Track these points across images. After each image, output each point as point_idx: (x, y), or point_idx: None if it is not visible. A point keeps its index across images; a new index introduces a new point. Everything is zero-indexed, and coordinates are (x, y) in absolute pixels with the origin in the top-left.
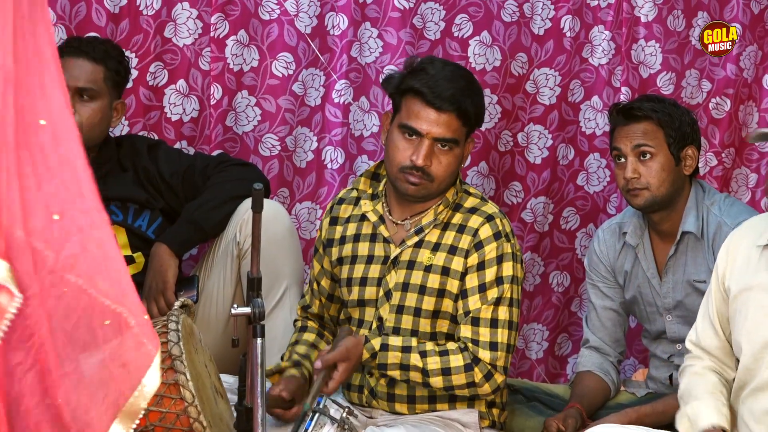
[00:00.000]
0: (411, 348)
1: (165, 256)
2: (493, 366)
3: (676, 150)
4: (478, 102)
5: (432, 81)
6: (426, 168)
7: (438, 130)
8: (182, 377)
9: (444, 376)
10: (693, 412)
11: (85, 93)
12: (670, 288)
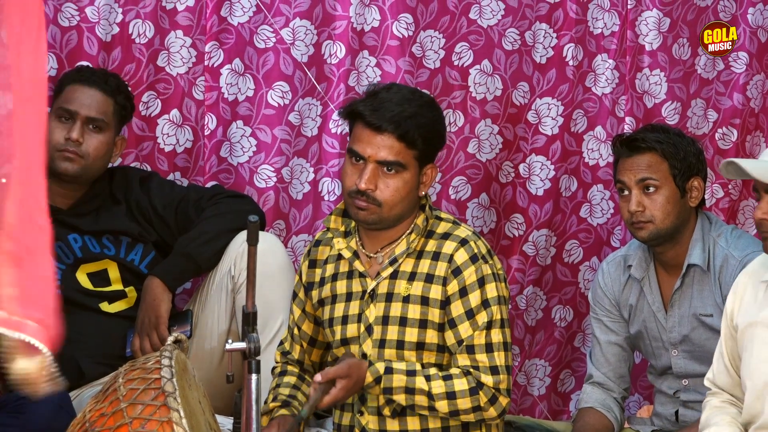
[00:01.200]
0: (416, 372)
1: (158, 290)
2: (497, 389)
3: (682, 182)
4: (427, 125)
5: (377, 104)
6: (370, 192)
7: (380, 153)
8: (176, 414)
9: (449, 400)
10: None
11: (94, 123)
12: (676, 322)
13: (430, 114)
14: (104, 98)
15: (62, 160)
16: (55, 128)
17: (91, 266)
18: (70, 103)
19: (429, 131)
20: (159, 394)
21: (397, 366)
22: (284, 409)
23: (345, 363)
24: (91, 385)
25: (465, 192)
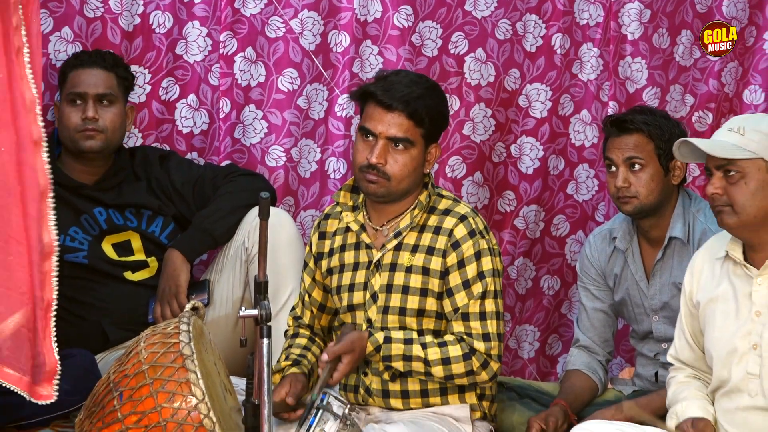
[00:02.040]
0: (413, 340)
1: (178, 261)
2: (488, 355)
3: (666, 161)
4: (433, 107)
5: (387, 85)
6: (380, 166)
7: (390, 129)
8: (193, 375)
9: (444, 366)
10: (681, 410)
11: (105, 99)
12: (657, 290)
13: (435, 96)
14: (107, 74)
15: (85, 139)
16: (70, 112)
17: (115, 237)
18: (77, 86)
19: (435, 112)
20: (178, 356)
21: (395, 335)
22: (295, 368)
23: (348, 339)
24: (116, 348)
25: (460, 170)
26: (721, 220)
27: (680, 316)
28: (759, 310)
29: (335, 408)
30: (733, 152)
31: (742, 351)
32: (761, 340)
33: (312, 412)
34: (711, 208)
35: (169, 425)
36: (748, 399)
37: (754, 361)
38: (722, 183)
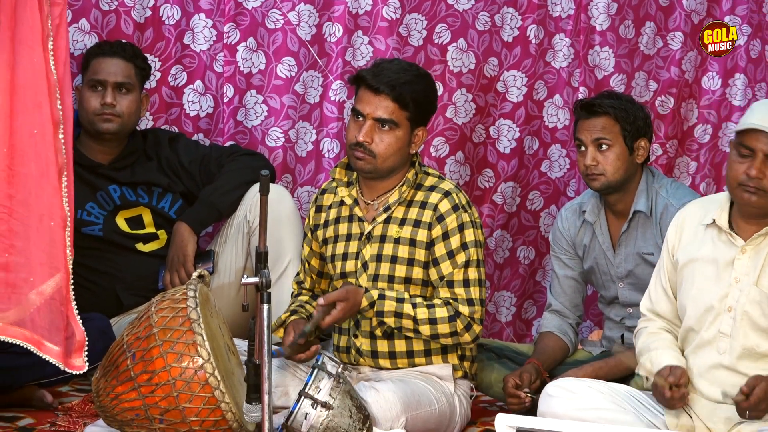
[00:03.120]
0: (404, 299)
1: (185, 233)
2: (471, 318)
3: (631, 141)
4: (420, 92)
5: (378, 71)
6: (367, 144)
7: (377, 111)
8: (199, 338)
9: (431, 325)
10: (655, 357)
11: (123, 87)
12: (623, 259)
13: (423, 83)
14: (126, 64)
15: (102, 121)
16: (90, 97)
17: (128, 212)
18: (98, 74)
19: (421, 97)
20: (185, 320)
21: (389, 293)
22: (294, 316)
23: (344, 289)
24: (128, 313)
25: (444, 150)
26: (747, 199)
27: (659, 269)
28: (738, 277)
29: (329, 367)
30: None
31: (718, 311)
32: (737, 305)
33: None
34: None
35: (177, 383)
36: (716, 356)
37: (727, 323)
38: (764, 168)
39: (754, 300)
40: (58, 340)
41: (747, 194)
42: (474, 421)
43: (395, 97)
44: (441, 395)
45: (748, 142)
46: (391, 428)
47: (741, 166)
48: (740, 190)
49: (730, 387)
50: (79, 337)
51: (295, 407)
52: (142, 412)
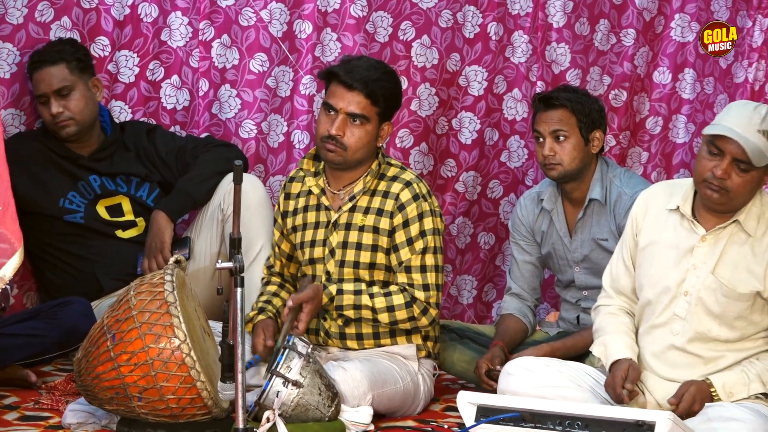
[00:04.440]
0: (361, 291)
1: (162, 221)
2: (427, 303)
3: (586, 133)
4: (389, 89)
5: (350, 68)
6: (339, 137)
7: (350, 106)
8: (176, 320)
9: (389, 312)
10: (609, 342)
11: (62, 91)
12: (579, 245)
13: (391, 80)
14: (56, 68)
15: (60, 129)
16: (42, 110)
17: (108, 201)
18: (38, 88)
19: (390, 94)
20: (163, 303)
21: (347, 287)
22: (261, 315)
23: (309, 290)
24: (109, 296)
25: (408, 141)
26: (710, 196)
27: (621, 246)
28: (696, 264)
29: (299, 348)
30: (759, 161)
31: (674, 294)
32: (693, 290)
33: (280, 352)
34: (700, 180)
35: (155, 363)
36: (670, 337)
37: (683, 306)
38: (732, 170)
39: (710, 287)
40: None
41: (710, 191)
42: (437, 398)
43: (367, 94)
44: (406, 374)
45: (719, 143)
46: (359, 405)
47: (709, 164)
48: (704, 186)
49: (681, 366)
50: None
51: (268, 385)
52: (122, 390)
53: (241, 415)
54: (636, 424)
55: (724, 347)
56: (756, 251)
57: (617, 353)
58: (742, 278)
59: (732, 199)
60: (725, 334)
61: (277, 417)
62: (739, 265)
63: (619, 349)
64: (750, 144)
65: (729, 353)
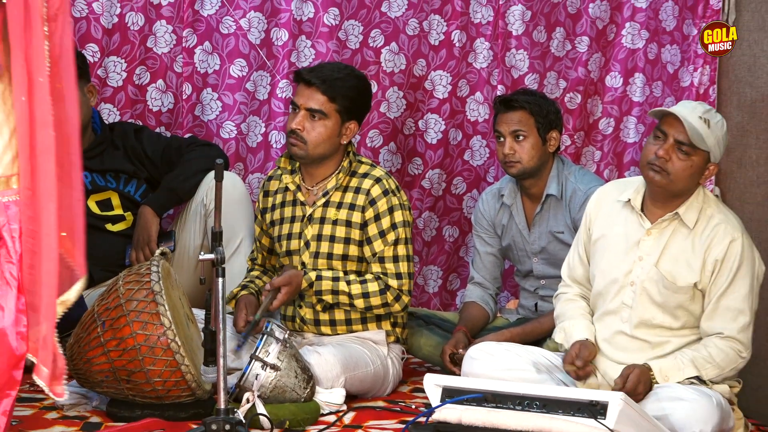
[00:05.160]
0: (339, 278)
1: (149, 215)
2: (400, 290)
3: (544, 133)
4: (350, 88)
5: (315, 68)
6: (299, 132)
7: (309, 102)
8: (162, 308)
9: (365, 298)
10: (568, 327)
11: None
12: (537, 237)
13: (354, 81)
14: None
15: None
16: None
17: (99, 196)
18: None
19: (351, 93)
20: (149, 293)
21: (325, 274)
22: (244, 291)
23: (287, 274)
24: (99, 286)
25: (378, 141)
26: (652, 177)
27: (577, 239)
28: (642, 256)
29: (277, 333)
30: (699, 142)
31: (622, 284)
32: (638, 280)
33: (258, 338)
34: (645, 163)
35: (142, 348)
36: (619, 323)
37: (629, 295)
38: (673, 152)
39: (653, 278)
40: (47, 361)
41: (652, 173)
42: (405, 380)
43: (324, 90)
44: (376, 357)
45: (663, 127)
46: (332, 387)
47: (653, 147)
48: (647, 169)
49: (630, 350)
50: (60, 364)
51: (247, 369)
52: (111, 374)
53: (223, 397)
54: (590, 403)
55: (669, 333)
56: (695, 246)
57: (576, 335)
58: (682, 272)
59: (672, 182)
60: (668, 321)
61: (256, 398)
62: (680, 258)
63: (577, 331)
64: (690, 125)
65: (674, 338)
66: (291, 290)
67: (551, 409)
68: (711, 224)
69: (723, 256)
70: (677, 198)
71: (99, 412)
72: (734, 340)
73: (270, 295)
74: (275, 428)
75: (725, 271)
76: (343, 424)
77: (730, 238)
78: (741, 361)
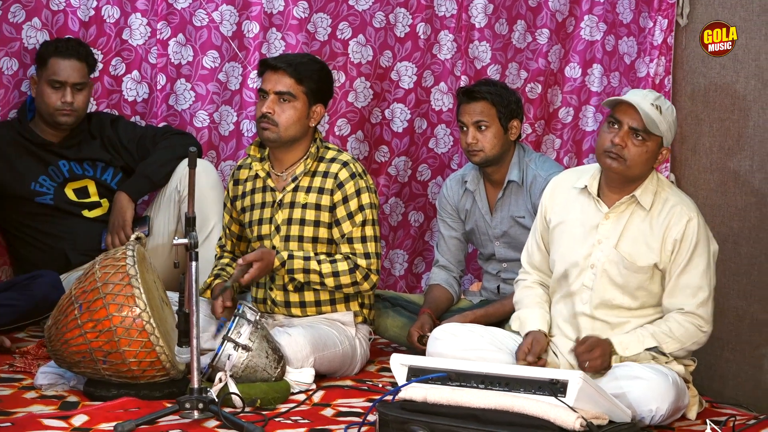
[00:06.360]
0: (310, 258)
1: (124, 201)
2: (369, 269)
3: (505, 122)
4: (315, 71)
5: (280, 55)
6: (270, 115)
7: (277, 86)
8: (137, 291)
9: (334, 277)
10: (524, 316)
11: (79, 85)
12: (499, 222)
13: (317, 65)
14: (81, 65)
15: (61, 116)
16: (51, 94)
17: (76, 184)
18: (58, 74)
19: (316, 76)
20: (125, 276)
21: (297, 253)
22: (218, 280)
23: (259, 251)
24: (76, 270)
25: (346, 130)
26: (609, 164)
27: (534, 228)
28: (601, 240)
29: (248, 315)
30: (653, 128)
31: (582, 267)
32: (598, 263)
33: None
34: (601, 151)
35: (118, 330)
36: (579, 305)
37: (590, 278)
38: (629, 139)
39: (613, 261)
40: None
41: (609, 160)
42: (372, 360)
43: (291, 73)
44: (344, 338)
45: (617, 114)
46: (302, 367)
47: (608, 135)
48: (604, 156)
49: (590, 331)
50: None
51: (220, 349)
52: (88, 354)
53: (196, 376)
54: (551, 382)
55: (628, 313)
56: (653, 227)
57: (530, 325)
58: (642, 252)
59: (629, 167)
60: (628, 302)
61: (228, 378)
62: (639, 240)
63: (532, 321)
64: (644, 111)
65: (633, 319)
66: (262, 266)
67: (513, 388)
68: (667, 206)
69: (681, 235)
70: (633, 183)
71: (76, 391)
72: (694, 315)
73: (241, 267)
74: (247, 406)
75: (684, 249)
76: (313, 403)
77: (687, 218)
78: (702, 335)
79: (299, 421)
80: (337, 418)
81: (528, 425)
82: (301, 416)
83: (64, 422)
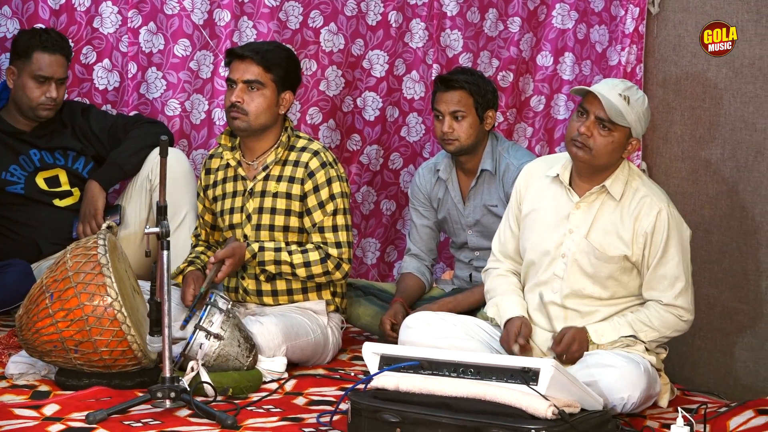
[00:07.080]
0: (281, 248)
1: (96, 190)
2: (340, 258)
3: (482, 112)
4: (282, 59)
5: (246, 44)
6: (239, 104)
7: (245, 75)
8: (108, 280)
9: (306, 267)
10: (501, 302)
11: (61, 81)
12: (471, 210)
13: (284, 52)
14: (64, 60)
15: (44, 110)
16: (35, 88)
17: (47, 173)
18: (44, 70)
19: (284, 63)
20: (96, 265)
21: (268, 245)
22: (191, 266)
23: (230, 246)
24: (47, 259)
25: (318, 118)
26: (575, 153)
27: (507, 214)
28: (572, 229)
29: (220, 304)
30: (619, 118)
31: (553, 256)
32: (569, 252)
33: (203, 302)
34: (569, 140)
35: (89, 319)
36: (550, 294)
37: (561, 267)
38: (595, 129)
39: (584, 250)
40: None
41: (575, 149)
42: (344, 348)
43: (258, 61)
44: (316, 327)
45: (585, 104)
46: (274, 355)
47: (576, 124)
48: (571, 145)
49: (560, 320)
50: None
51: (191, 338)
52: (59, 344)
53: (168, 365)
54: (522, 370)
55: (598, 303)
56: (623, 217)
57: (510, 312)
58: (612, 242)
59: (594, 157)
60: (598, 292)
61: (200, 366)
62: (610, 230)
63: (511, 307)
64: (609, 102)
65: (603, 308)
66: (234, 262)
67: (485, 376)
68: (637, 197)
69: (652, 228)
70: (602, 172)
71: (48, 381)
72: (673, 306)
73: (214, 267)
74: (219, 395)
75: (656, 242)
76: (285, 392)
77: (656, 209)
78: (683, 324)
79: (271, 410)
80: (309, 407)
81: (500, 413)
82: (273, 405)
83: (36, 412)
